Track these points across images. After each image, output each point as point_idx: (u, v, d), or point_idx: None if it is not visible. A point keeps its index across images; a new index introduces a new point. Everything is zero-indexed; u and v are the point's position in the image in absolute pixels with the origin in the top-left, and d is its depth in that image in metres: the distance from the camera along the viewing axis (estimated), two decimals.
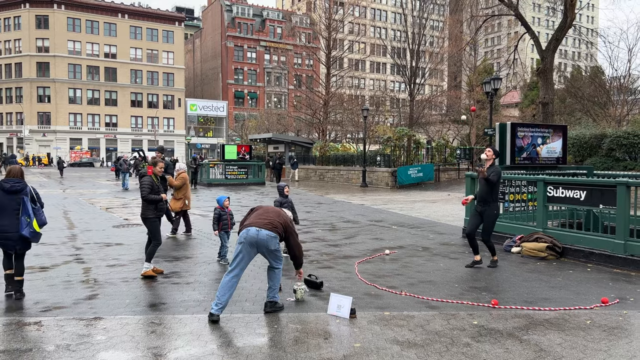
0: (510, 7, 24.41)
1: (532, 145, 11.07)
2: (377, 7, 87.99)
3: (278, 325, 5.22)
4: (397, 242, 10.39)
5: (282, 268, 5.82)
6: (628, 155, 21.40)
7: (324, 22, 43.46)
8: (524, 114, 47.14)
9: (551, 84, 23.52)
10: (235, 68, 78.87)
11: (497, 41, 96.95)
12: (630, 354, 4.48)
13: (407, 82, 37.37)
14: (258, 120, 60.63)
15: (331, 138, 47.91)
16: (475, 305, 5.95)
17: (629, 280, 7.12)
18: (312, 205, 18.17)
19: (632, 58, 56.92)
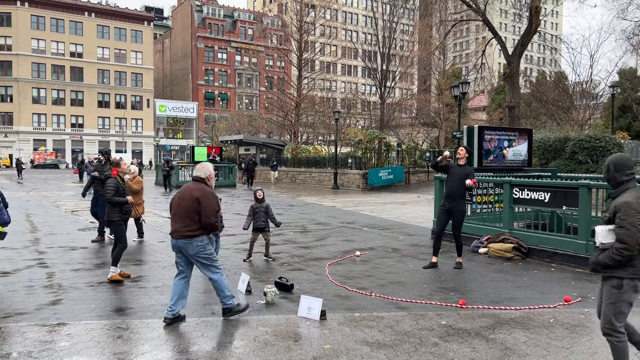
0: (478, 13, 24.91)
1: (499, 148, 11.32)
2: (348, 10, 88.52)
3: (248, 328, 5.19)
4: (368, 243, 10.46)
5: (220, 276, 5.44)
6: (590, 158, 22.10)
7: (296, 24, 43.47)
8: (491, 117, 48.13)
9: (517, 88, 24.10)
10: (206, 69, 78.08)
11: (465, 46, 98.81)
12: (592, 351, 4.62)
13: (378, 85, 37.69)
14: (229, 122, 60.14)
15: (303, 140, 47.91)
16: (443, 305, 6.04)
17: (590, 279, 7.34)
18: (283, 207, 18.13)
19: (594, 64, 58.98)
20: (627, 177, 3.76)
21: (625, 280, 3.68)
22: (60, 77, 68.06)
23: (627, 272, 3.67)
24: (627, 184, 3.76)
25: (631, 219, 3.58)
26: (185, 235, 5.32)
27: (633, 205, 3.61)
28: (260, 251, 8.98)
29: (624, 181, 3.77)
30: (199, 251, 5.36)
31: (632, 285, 3.69)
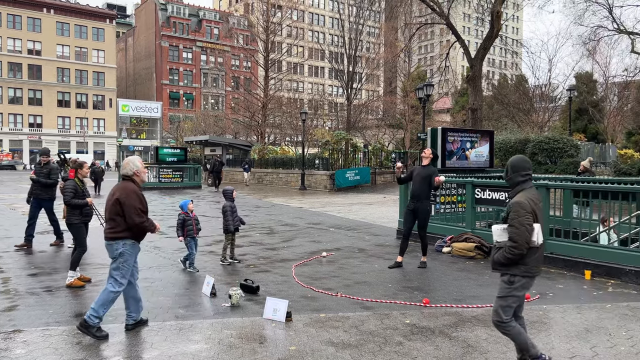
0: (442, 17, 25.39)
1: (462, 150, 11.56)
2: (315, 12, 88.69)
3: (212, 332, 5.13)
4: (334, 244, 10.50)
5: (113, 294, 4.98)
6: (549, 158, 22.81)
7: (262, 24, 43.27)
8: (455, 119, 49.12)
9: (480, 90, 24.68)
10: (171, 68, 76.81)
11: (430, 48, 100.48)
12: (549, 346, 4.77)
13: (345, 87, 37.93)
14: (194, 122, 59.33)
15: (270, 141, 47.72)
16: (407, 304, 6.12)
17: (548, 277, 7.58)
18: (250, 208, 18.01)
19: (552, 68, 60.99)
20: (523, 178, 3.91)
21: (517, 277, 3.83)
22: (17, 75, 65.68)
23: (519, 270, 3.82)
24: (523, 185, 3.90)
25: (521, 219, 3.71)
26: (107, 237, 5.09)
27: (523, 205, 3.74)
28: (220, 252, 8.89)
29: (520, 182, 3.91)
30: (117, 255, 5.02)
31: (523, 282, 3.85)
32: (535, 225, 3.77)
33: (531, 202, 3.79)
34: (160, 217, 15.23)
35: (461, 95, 53.27)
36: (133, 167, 5.17)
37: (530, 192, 3.88)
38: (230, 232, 8.50)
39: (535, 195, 3.92)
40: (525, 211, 3.73)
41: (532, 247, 3.79)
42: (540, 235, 3.78)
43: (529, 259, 3.82)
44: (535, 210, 3.81)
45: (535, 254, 3.85)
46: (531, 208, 3.77)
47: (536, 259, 3.87)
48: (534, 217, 3.77)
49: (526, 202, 3.77)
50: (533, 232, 3.75)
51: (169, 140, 65.99)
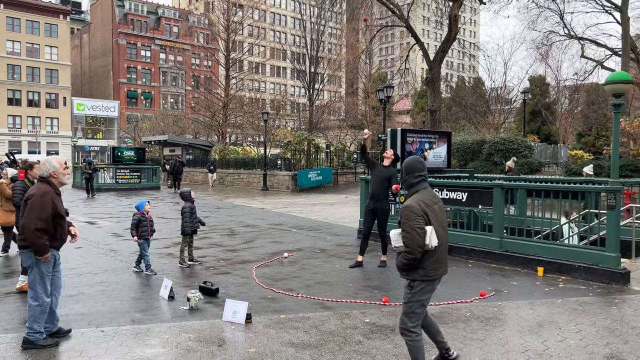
0: (402, 19, 25.77)
1: (421, 150, 11.75)
2: (276, 12, 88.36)
3: (170, 335, 5.03)
4: (296, 244, 10.49)
5: (36, 308, 4.64)
6: (504, 159, 23.46)
7: (223, 23, 42.78)
8: (414, 120, 49.93)
9: (438, 92, 25.20)
10: (128, 66, 74.89)
11: (390, 51, 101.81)
12: (504, 341, 4.91)
13: (307, 87, 38.00)
14: (153, 122, 58.05)
15: (231, 141, 47.22)
16: (367, 303, 6.18)
17: (503, 274, 7.81)
18: (210, 209, 17.78)
19: (507, 71, 62.98)
20: (416, 180, 3.84)
21: (417, 282, 3.74)
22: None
23: (418, 274, 3.73)
24: (416, 187, 3.84)
25: (411, 222, 3.63)
26: (20, 245, 4.74)
27: (413, 208, 3.65)
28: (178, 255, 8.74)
29: (413, 184, 3.85)
30: (31, 264, 4.65)
31: (423, 286, 3.75)
32: (428, 227, 3.65)
33: (422, 204, 3.68)
34: (116, 219, 14.83)
35: (421, 97, 54.20)
36: (49, 167, 4.75)
37: (423, 194, 3.79)
38: (188, 234, 8.37)
39: (429, 197, 3.81)
40: (415, 214, 3.63)
41: (428, 251, 3.68)
42: (433, 238, 3.66)
43: (426, 263, 3.71)
44: (428, 212, 3.69)
45: (432, 257, 3.73)
46: (422, 211, 3.66)
47: (434, 262, 3.75)
48: (425, 220, 3.66)
49: (416, 205, 3.66)
50: (425, 235, 3.63)
51: (126, 140, 64.32)
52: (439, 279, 3.87)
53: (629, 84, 7.34)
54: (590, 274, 7.30)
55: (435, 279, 3.82)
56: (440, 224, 3.80)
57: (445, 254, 3.88)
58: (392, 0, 25.75)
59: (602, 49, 35.85)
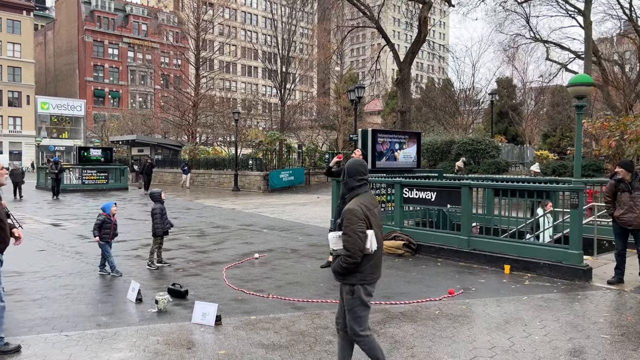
0: (372, 20, 25.96)
1: (391, 151, 11.86)
2: (247, 11, 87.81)
3: (137, 339, 4.93)
4: (267, 245, 10.44)
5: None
6: (472, 159, 23.93)
7: (193, 21, 42.23)
8: (385, 121, 50.37)
9: (409, 93, 25.47)
10: (95, 65, 73.17)
11: (362, 51, 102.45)
12: (471, 339, 4.99)
13: (278, 87, 37.82)
14: (121, 121, 56.87)
15: (202, 141, 46.66)
16: (337, 303, 6.18)
17: (471, 272, 7.95)
18: (180, 210, 17.54)
19: (476, 72, 64.20)
20: (358, 183, 3.76)
21: (356, 286, 3.67)
22: None
23: (356, 278, 3.66)
24: (358, 190, 3.75)
25: (353, 226, 3.56)
26: None
27: (356, 212, 3.60)
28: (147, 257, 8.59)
29: (355, 187, 3.76)
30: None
31: (363, 289, 3.68)
32: (369, 231, 3.61)
33: (364, 208, 3.64)
34: (82, 220, 14.47)
35: (391, 98, 54.73)
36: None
37: (364, 198, 3.73)
38: (159, 235, 8.24)
39: (369, 200, 3.75)
40: (357, 218, 3.57)
41: (367, 254, 3.62)
42: (373, 242, 3.61)
43: (365, 267, 3.65)
44: (369, 216, 3.65)
45: (371, 261, 3.68)
46: (364, 214, 3.61)
47: (372, 266, 3.70)
48: (367, 224, 3.62)
49: (358, 208, 3.62)
50: (366, 239, 3.58)
51: (93, 140, 62.84)
52: (375, 282, 3.80)
53: (590, 86, 7.57)
54: (554, 271, 7.49)
55: (372, 283, 3.74)
56: (379, 228, 3.78)
57: (381, 258, 3.84)
58: (362, 1, 25.91)
59: (566, 52, 36.89)
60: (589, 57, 28.71)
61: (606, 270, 7.67)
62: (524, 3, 33.66)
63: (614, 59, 37.10)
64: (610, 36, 40.51)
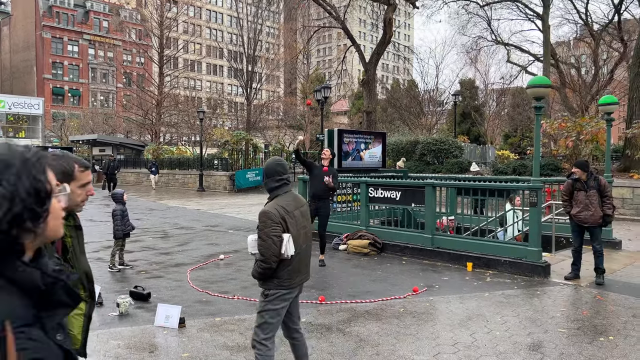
0: (338, 21, 26.09)
1: (357, 151, 11.95)
2: (212, 9, 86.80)
3: (97, 344, 4.80)
4: (233, 246, 10.34)
5: None
6: (436, 159, 24.35)
7: (156, 19, 41.48)
8: (352, 121, 50.69)
9: (374, 94, 25.72)
10: (54, 62, 70.89)
11: (328, 52, 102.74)
12: (435, 335, 5.07)
13: (244, 87, 37.55)
14: (81, 120, 55.33)
15: (165, 140, 45.86)
16: (304, 303, 6.17)
17: (435, 270, 8.08)
18: (142, 211, 17.18)
19: (439, 74, 65.35)
20: (278, 184, 3.59)
21: (272, 290, 3.50)
22: None
23: (273, 283, 3.49)
24: (277, 191, 3.59)
25: (267, 230, 3.39)
26: None
27: (271, 214, 3.43)
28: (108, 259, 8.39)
29: (274, 188, 3.60)
30: None
31: (278, 295, 3.50)
32: (285, 235, 3.42)
33: (281, 210, 3.46)
34: None
35: (357, 98, 55.12)
36: None
37: (284, 199, 3.55)
38: (120, 237, 8.05)
39: (289, 202, 3.57)
40: (272, 221, 3.40)
41: (283, 259, 3.44)
42: (290, 247, 3.43)
43: (282, 272, 3.47)
44: (287, 219, 3.46)
45: (289, 266, 3.49)
46: (280, 217, 3.43)
47: (290, 271, 3.51)
48: (283, 227, 3.43)
49: (274, 211, 3.44)
50: (281, 243, 3.39)
51: (52, 140, 60.90)
52: (297, 288, 3.64)
53: (548, 88, 7.81)
54: (515, 268, 7.70)
55: (291, 289, 3.56)
56: (301, 230, 3.59)
57: (305, 262, 3.66)
58: (328, 2, 26.00)
59: (526, 54, 38.05)
60: (548, 60, 29.64)
61: (563, 266, 7.93)
62: (485, 6, 34.49)
63: (571, 62, 38.46)
64: (567, 40, 42.02)
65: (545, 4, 30.29)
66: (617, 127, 40.90)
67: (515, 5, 34.92)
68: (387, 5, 24.89)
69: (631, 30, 32.26)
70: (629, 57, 28.59)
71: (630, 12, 32.52)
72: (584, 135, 16.22)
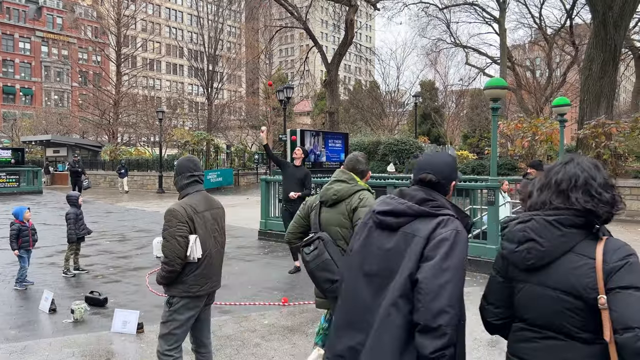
0: (300, 21, 26.08)
1: (319, 151, 11.95)
2: (172, 7, 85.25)
3: (50, 352, 4.61)
4: None
5: None
6: (398, 159, 24.66)
7: (113, 16, 40.35)
8: (315, 121, 50.79)
9: (337, 95, 25.83)
10: (4, 59, 68.00)
11: (290, 52, 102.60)
12: None
13: (205, 86, 37.02)
14: (34, 120, 53.26)
15: (124, 141, 44.70)
16: (266, 305, 6.13)
17: None
18: (100, 214, 16.68)
19: (400, 75, 66.50)
20: (187, 180, 3.36)
21: (176, 298, 3.25)
22: None
23: (177, 290, 3.24)
24: (187, 189, 3.37)
25: (171, 229, 3.15)
26: None
27: (176, 213, 3.18)
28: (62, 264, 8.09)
29: (184, 185, 3.38)
30: None
31: (183, 303, 3.25)
32: (191, 236, 3.17)
33: (189, 209, 3.21)
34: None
35: (320, 99, 55.25)
36: None
37: (194, 198, 3.32)
38: (74, 241, 7.77)
39: (199, 201, 3.34)
40: (178, 220, 3.15)
41: (190, 263, 3.19)
42: (197, 249, 3.17)
43: (188, 277, 3.21)
44: (195, 219, 3.21)
45: (196, 270, 3.23)
46: (187, 216, 3.18)
47: (198, 277, 3.25)
48: (190, 227, 3.18)
49: (181, 209, 3.19)
50: (187, 244, 3.15)
51: (2, 141, 58.39)
52: (208, 295, 3.39)
53: (504, 89, 8.02)
54: (474, 266, 7.85)
55: (199, 296, 3.29)
56: (212, 233, 3.35)
57: (215, 268, 3.40)
58: (290, 2, 25.95)
59: (483, 57, 39.11)
60: (504, 62, 30.53)
61: None
62: (444, 9, 35.22)
63: (526, 64, 39.76)
64: (523, 43, 43.41)
65: (501, 7, 31.21)
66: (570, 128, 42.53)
67: (473, 8, 35.84)
68: (349, 7, 25.06)
69: (582, 34, 33.62)
70: (580, 61, 29.78)
71: (581, 17, 33.99)
72: (539, 136, 16.76)
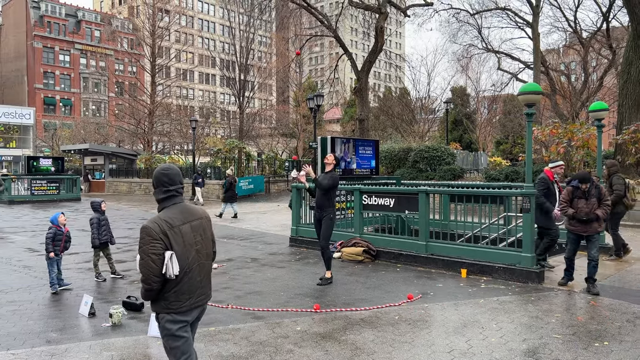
0: (330, 30, 26.21)
1: (350, 158, 11.95)
2: (205, 18, 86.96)
3: (90, 355, 4.74)
4: (226, 255, 10.28)
5: None
6: (429, 166, 24.41)
7: (148, 28, 41.47)
8: (344, 129, 50.77)
9: (367, 102, 25.80)
10: (45, 71, 70.60)
11: (320, 60, 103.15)
12: (430, 343, 5.05)
13: (237, 95, 37.56)
14: (73, 130, 55.07)
15: (158, 149, 45.70)
16: (299, 311, 6.15)
17: (429, 276, 8.07)
18: (134, 221, 17.08)
19: (431, 81, 65.80)
20: (164, 195, 3.23)
21: (161, 314, 3.18)
22: None
23: (161, 307, 3.17)
24: (164, 203, 3.24)
25: (145, 247, 3.05)
26: None
27: (149, 230, 3.06)
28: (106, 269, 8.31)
29: (161, 199, 3.24)
30: None
31: (169, 319, 3.17)
32: (167, 253, 3.05)
33: (163, 225, 3.09)
34: (31, 233, 13.88)
35: (350, 106, 55.25)
36: None
37: (170, 212, 3.20)
38: (97, 246, 8.01)
39: (175, 215, 3.19)
40: (151, 237, 3.04)
41: (169, 280, 3.09)
42: (174, 265, 3.05)
43: (168, 294, 3.12)
44: (170, 235, 3.09)
45: (176, 287, 3.13)
46: (161, 232, 3.06)
47: (178, 293, 3.14)
48: (165, 244, 3.06)
49: (154, 225, 3.08)
50: (162, 262, 3.03)
51: (43, 149, 60.48)
52: (194, 309, 3.26)
53: (539, 94, 7.86)
54: (509, 274, 7.70)
55: (181, 312, 3.17)
56: (193, 246, 3.22)
57: (198, 283, 3.26)
58: (320, 11, 26.13)
59: (516, 62, 38.42)
60: (538, 67, 29.92)
61: (557, 272, 7.95)
62: (476, 15, 34.83)
63: (560, 69, 38.85)
64: (557, 47, 42.49)
65: (534, 12, 30.64)
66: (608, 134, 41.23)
67: (505, 13, 35.31)
68: (379, 14, 25.06)
69: (619, 37, 32.67)
70: (617, 64, 28.93)
71: (618, 20, 32.97)
72: (575, 142, 16.33)
